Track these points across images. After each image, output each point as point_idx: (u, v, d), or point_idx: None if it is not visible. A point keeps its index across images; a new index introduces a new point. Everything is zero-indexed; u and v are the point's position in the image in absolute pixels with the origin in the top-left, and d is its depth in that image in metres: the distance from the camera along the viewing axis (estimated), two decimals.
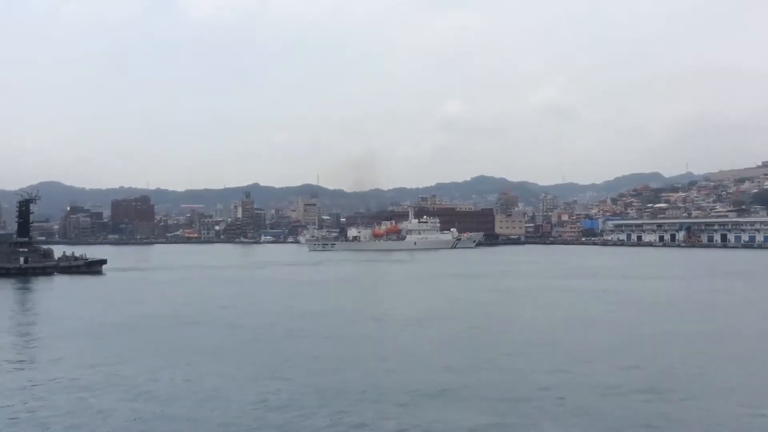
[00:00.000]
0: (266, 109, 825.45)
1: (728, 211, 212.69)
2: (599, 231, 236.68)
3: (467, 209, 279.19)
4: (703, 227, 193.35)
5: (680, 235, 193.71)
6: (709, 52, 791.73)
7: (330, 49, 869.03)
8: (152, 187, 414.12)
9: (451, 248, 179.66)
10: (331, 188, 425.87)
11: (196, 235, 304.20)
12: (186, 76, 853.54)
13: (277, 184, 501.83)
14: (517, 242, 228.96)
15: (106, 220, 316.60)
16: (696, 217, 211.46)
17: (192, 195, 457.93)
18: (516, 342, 29.73)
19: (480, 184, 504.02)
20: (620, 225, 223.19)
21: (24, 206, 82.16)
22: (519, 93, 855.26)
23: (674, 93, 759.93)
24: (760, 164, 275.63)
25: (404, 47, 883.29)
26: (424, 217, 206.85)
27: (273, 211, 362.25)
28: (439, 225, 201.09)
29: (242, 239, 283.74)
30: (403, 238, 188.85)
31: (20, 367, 24.68)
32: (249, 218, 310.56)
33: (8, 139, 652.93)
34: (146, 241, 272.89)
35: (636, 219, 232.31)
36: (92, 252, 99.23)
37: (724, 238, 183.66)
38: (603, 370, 23.24)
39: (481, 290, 55.51)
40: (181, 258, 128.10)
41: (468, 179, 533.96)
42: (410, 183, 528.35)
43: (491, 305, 44.63)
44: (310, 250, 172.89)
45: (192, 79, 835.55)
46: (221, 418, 17.58)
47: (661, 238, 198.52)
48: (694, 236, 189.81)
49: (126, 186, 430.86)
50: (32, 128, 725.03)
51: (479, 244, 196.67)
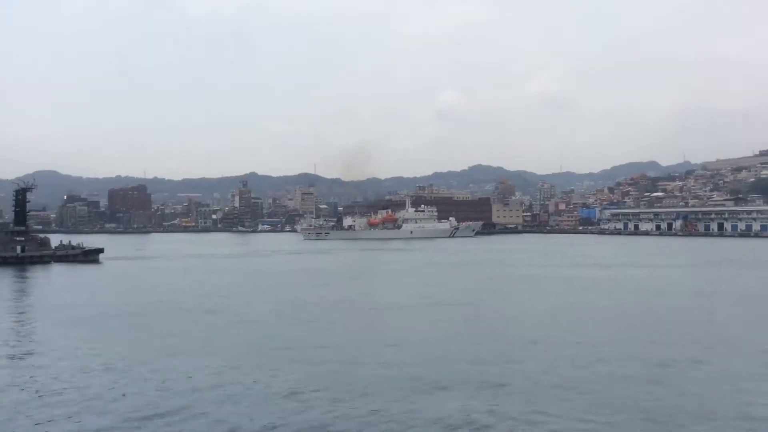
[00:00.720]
0: (264, 100, 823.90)
1: (725, 200, 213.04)
2: (596, 220, 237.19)
3: (464, 198, 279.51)
4: (700, 216, 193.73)
5: (677, 224, 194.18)
6: (707, 42, 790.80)
7: (328, 41, 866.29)
8: (149, 176, 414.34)
9: (449, 237, 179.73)
10: (329, 177, 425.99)
11: (193, 224, 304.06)
12: (184, 68, 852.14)
13: (275, 173, 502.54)
14: (515, 231, 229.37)
15: (103, 209, 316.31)
16: (693, 206, 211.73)
17: (189, 184, 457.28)
18: (514, 331, 29.76)
19: (477, 174, 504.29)
20: (617, 214, 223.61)
21: (21, 195, 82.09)
22: (516, 83, 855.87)
23: (672, 82, 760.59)
24: (757, 153, 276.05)
25: (402, 39, 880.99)
26: (421, 206, 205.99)
27: (270, 200, 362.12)
28: (437, 214, 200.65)
29: (239, 228, 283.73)
30: (399, 227, 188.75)
31: (17, 355, 24.61)
32: (246, 207, 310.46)
33: (6, 129, 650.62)
34: (143, 230, 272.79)
35: (633, 208, 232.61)
36: (89, 241, 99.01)
37: (721, 227, 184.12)
38: (603, 358, 23.27)
39: (477, 278, 55.57)
40: (178, 247, 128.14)
41: (465, 168, 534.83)
42: (408, 172, 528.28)
43: (487, 293, 44.65)
44: (305, 239, 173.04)
45: (190, 71, 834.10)
46: (220, 406, 17.57)
47: (658, 227, 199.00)
48: (691, 225, 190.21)
49: (123, 175, 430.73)
50: (30, 118, 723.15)
51: (476, 233, 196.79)
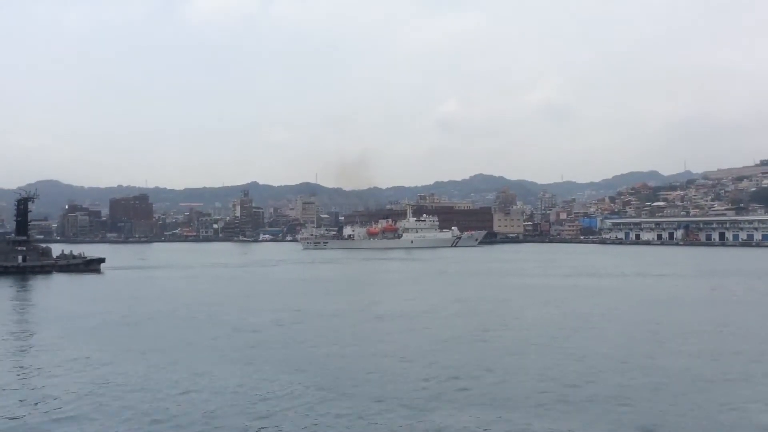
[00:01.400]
0: (265, 109, 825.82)
1: (726, 210, 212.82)
2: (597, 229, 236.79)
3: (466, 207, 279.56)
4: (702, 226, 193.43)
5: (678, 234, 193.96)
6: (708, 52, 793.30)
7: (329, 51, 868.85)
8: (151, 186, 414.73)
9: (452, 246, 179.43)
10: (330, 187, 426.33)
11: (195, 234, 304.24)
12: (185, 77, 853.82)
13: (276, 183, 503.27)
14: (516, 240, 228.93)
15: (105, 219, 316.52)
16: (694, 216, 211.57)
17: (190, 193, 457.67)
18: (516, 341, 29.73)
19: (478, 183, 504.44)
20: (618, 223, 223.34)
21: (22, 205, 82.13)
22: (517, 92, 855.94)
23: (673, 92, 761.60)
24: (758, 162, 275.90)
25: (403, 48, 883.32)
26: (423, 216, 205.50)
27: (271, 210, 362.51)
28: (438, 223, 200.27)
29: (241, 238, 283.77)
30: (400, 237, 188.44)
31: (19, 365, 24.62)
32: (247, 217, 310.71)
33: (7, 138, 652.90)
34: (145, 240, 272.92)
35: (634, 217, 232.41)
36: (90, 250, 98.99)
37: (723, 237, 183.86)
38: (602, 369, 23.25)
39: (479, 288, 55.53)
40: (179, 257, 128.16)
41: (467, 178, 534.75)
42: (409, 182, 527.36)
43: (490, 304, 44.61)
44: (304, 249, 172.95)
45: (191, 80, 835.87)
46: (222, 413, 17.57)
47: (660, 237, 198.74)
48: (693, 235, 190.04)
49: (124, 184, 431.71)
50: (31, 127, 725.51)
51: (479, 243, 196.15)
